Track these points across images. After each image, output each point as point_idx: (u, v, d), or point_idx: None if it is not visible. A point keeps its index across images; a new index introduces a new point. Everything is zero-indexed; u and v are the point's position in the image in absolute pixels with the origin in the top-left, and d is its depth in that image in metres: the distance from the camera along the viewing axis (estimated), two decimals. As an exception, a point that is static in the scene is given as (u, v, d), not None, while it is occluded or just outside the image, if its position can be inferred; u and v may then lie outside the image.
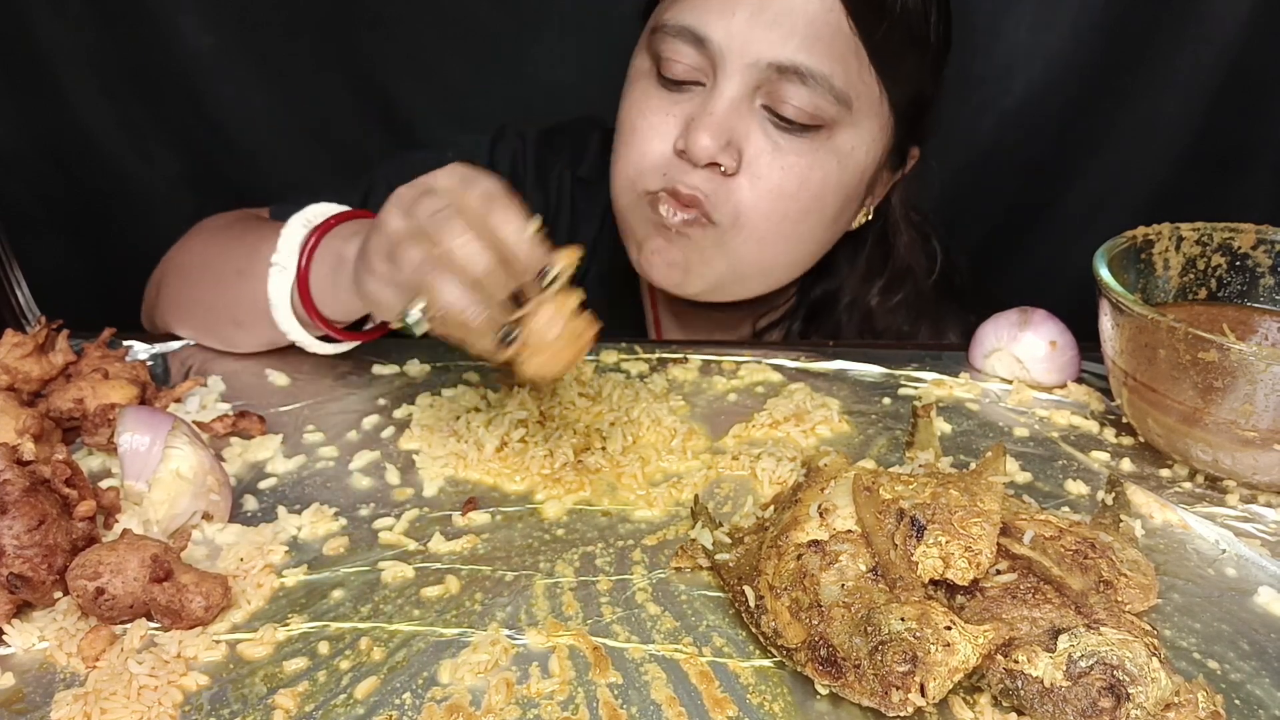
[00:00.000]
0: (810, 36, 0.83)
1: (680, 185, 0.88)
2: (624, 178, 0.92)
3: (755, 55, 0.84)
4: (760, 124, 0.86)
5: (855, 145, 0.89)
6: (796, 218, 0.89)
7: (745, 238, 0.89)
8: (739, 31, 0.84)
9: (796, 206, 0.88)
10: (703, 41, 0.85)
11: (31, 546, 0.59)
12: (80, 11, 1.28)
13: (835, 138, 0.87)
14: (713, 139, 0.84)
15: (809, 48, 0.83)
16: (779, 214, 0.88)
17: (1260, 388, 0.65)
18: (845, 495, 0.62)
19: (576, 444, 0.77)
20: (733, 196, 0.87)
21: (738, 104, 0.85)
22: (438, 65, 1.34)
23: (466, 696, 0.54)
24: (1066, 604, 0.55)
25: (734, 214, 0.88)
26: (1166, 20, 1.25)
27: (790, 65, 0.83)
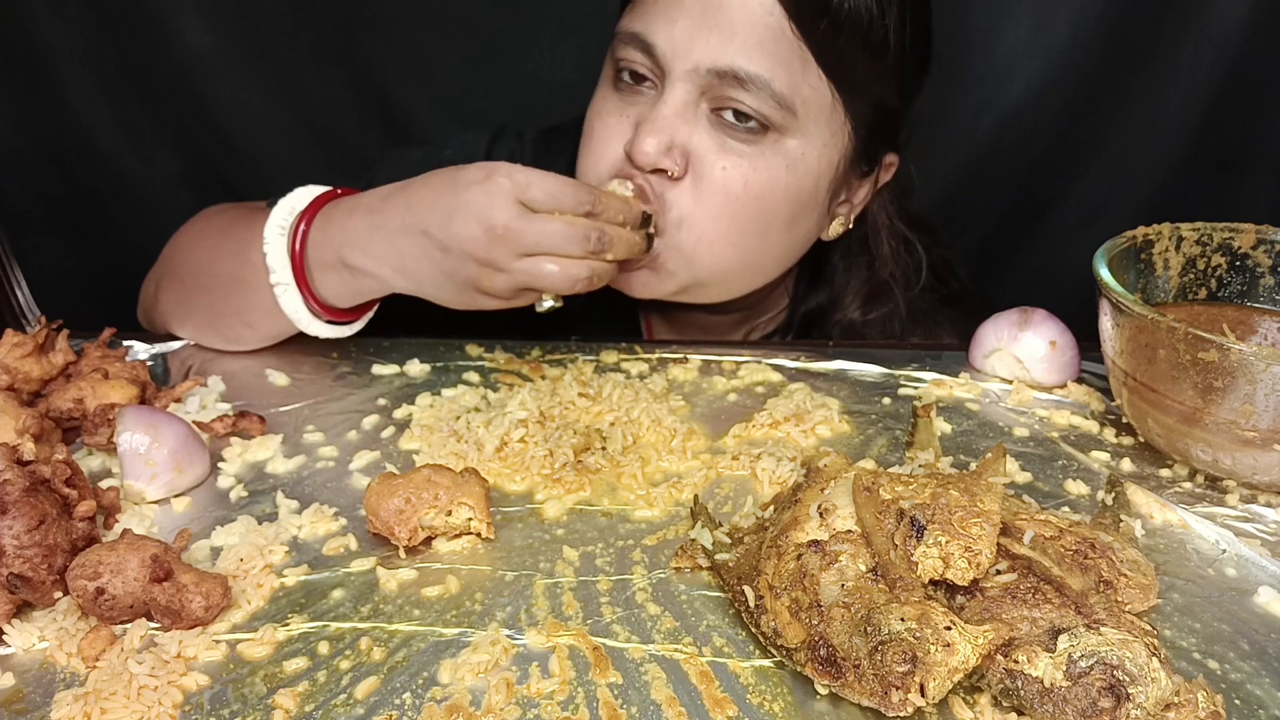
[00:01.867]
0: (751, 41, 0.83)
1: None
2: (585, 173, 0.93)
3: (696, 61, 0.84)
4: (706, 127, 0.86)
5: (805, 150, 0.88)
6: (743, 220, 0.88)
7: (694, 241, 0.88)
8: (681, 38, 0.84)
9: (742, 209, 0.88)
10: (650, 48, 0.86)
11: (31, 546, 0.59)
12: (80, 12, 1.28)
13: (783, 141, 0.87)
14: (656, 143, 0.85)
15: (748, 53, 0.83)
16: (726, 215, 0.88)
17: (1260, 388, 0.65)
18: (845, 495, 0.62)
19: (576, 444, 0.77)
20: (677, 200, 0.87)
21: (683, 109, 0.86)
22: (438, 65, 1.34)
23: (467, 696, 0.54)
24: (1066, 604, 0.55)
25: (678, 217, 0.88)
26: (1167, 20, 1.25)
27: (729, 70, 0.83)
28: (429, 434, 0.79)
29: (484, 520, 0.66)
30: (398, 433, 0.80)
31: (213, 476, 0.75)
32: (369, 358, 0.91)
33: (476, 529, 0.67)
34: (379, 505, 0.66)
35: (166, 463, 0.71)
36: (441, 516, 0.66)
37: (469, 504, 0.66)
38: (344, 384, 0.87)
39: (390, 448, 0.79)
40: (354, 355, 0.92)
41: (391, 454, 0.78)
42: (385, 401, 0.85)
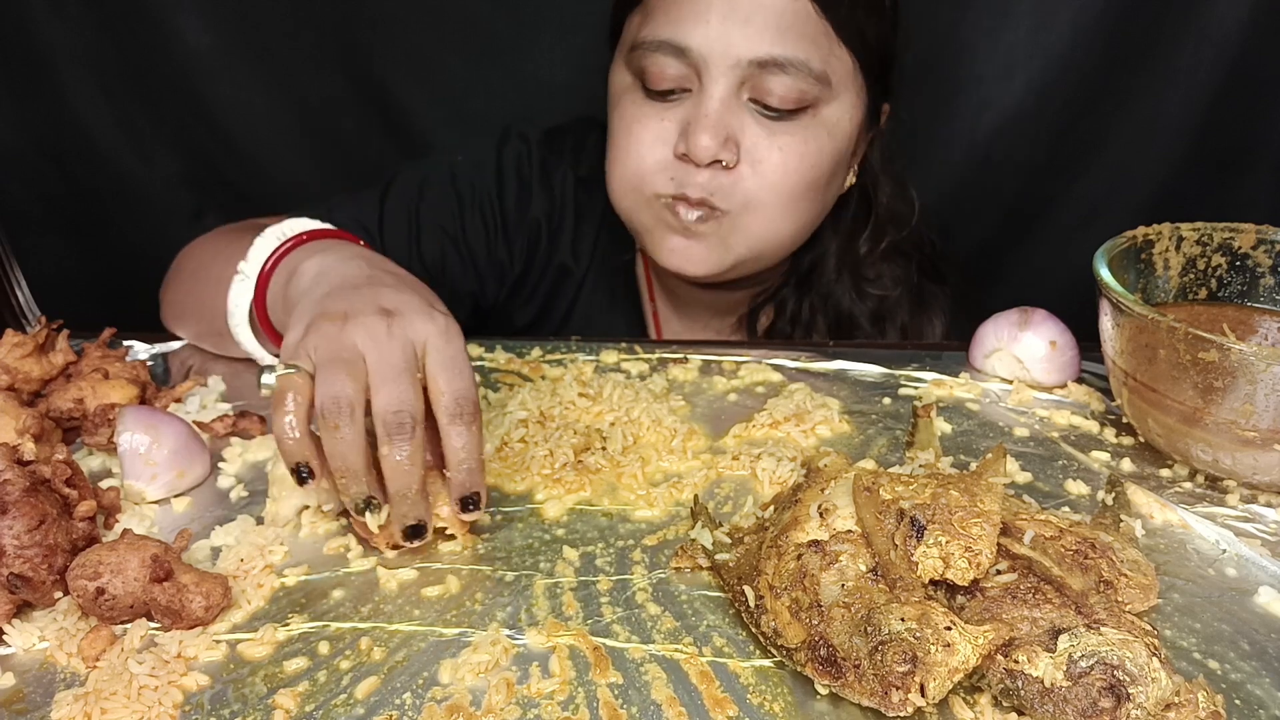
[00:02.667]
0: (782, 28, 0.88)
1: (688, 189, 0.92)
2: (624, 182, 0.96)
3: (735, 56, 0.88)
4: (751, 116, 0.91)
5: (840, 116, 0.94)
6: (800, 192, 0.94)
7: (757, 219, 0.94)
8: (716, 36, 0.88)
9: (799, 181, 0.93)
10: (683, 51, 0.89)
11: (32, 546, 0.59)
12: (80, 12, 1.27)
13: (821, 113, 0.93)
14: (712, 138, 0.89)
15: (783, 39, 0.88)
16: (785, 192, 0.93)
17: (1260, 388, 0.65)
18: (845, 495, 0.62)
19: (576, 444, 0.77)
20: (738, 187, 0.92)
21: (727, 102, 0.90)
22: (438, 65, 1.34)
23: (467, 696, 0.54)
24: (1067, 604, 0.55)
25: (742, 201, 0.93)
26: (1167, 20, 1.25)
27: (769, 59, 0.88)
28: (429, 434, 0.79)
29: (459, 527, 0.66)
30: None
31: (213, 476, 0.75)
32: (369, 358, 0.91)
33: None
34: None
35: (167, 463, 0.71)
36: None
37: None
38: (344, 384, 0.87)
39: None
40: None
41: (391, 454, 0.78)
42: (385, 401, 0.85)
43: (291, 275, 0.75)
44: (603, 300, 1.13)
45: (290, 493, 0.68)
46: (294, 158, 1.40)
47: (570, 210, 1.11)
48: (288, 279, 0.76)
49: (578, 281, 1.12)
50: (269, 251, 0.80)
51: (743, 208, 0.93)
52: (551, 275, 1.12)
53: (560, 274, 1.12)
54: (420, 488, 0.62)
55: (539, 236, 1.10)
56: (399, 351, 0.63)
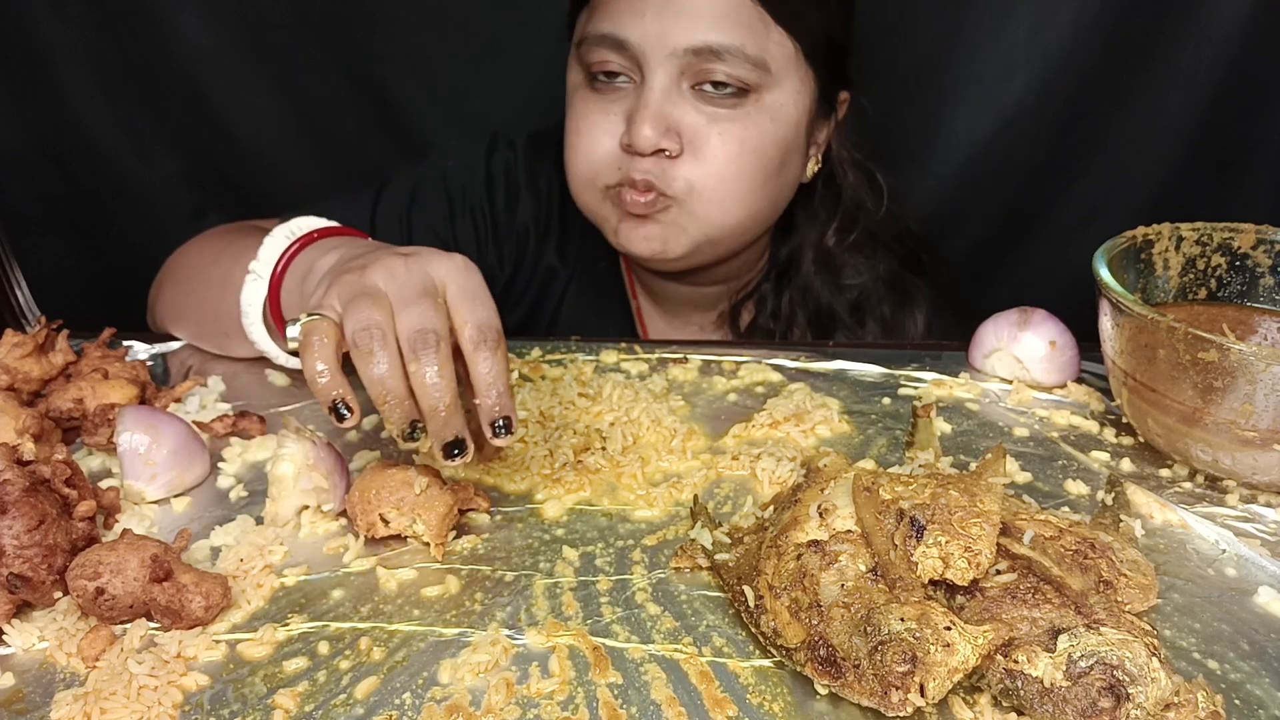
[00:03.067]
0: (716, 16, 0.90)
1: (634, 174, 0.94)
2: (580, 177, 0.99)
3: (671, 45, 0.90)
4: (692, 104, 0.93)
5: (783, 101, 0.95)
6: (745, 177, 0.96)
7: (703, 203, 0.95)
8: (652, 27, 0.90)
9: (742, 167, 0.95)
10: (622, 44, 0.92)
11: (31, 546, 0.59)
12: (80, 11, 1.27)
13: (763, 99, 0.94)
14: (653, 128, 0.92)
15: (717, 26, 0.90)
16: (729, 177, 0.95)
17: (1260, 388, 0.65)
18: (845, 495, 0.62)
19: (576, 444, 0.77)
20: (681, 173, 0.94)
21: (667, 92, 0.92)
22: (438, 65, 1.34)
23: (466, 696, 0.54)
24: (1066, 604, 0.55)
25: (686, 187, 0.95)
26: (1166, 20, 1.25)
27: (704, 46, 0.90)
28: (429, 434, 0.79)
29: (436, 541, 0.66)
30: (398, 433, 0.80)
31: (213, 476, 0.75)
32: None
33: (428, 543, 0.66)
34: (353, 490, 0.67)
35: (166, 463, 0.71)
36: (402, 520, 0.66)
37: (423, 521, 0.66)
38: (344, 384, 0.87)
39: (390, 448, 0.79)
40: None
41: (392, 454, 0.78)
42: (385, 401, 0.85)
43: (306, 273, 0.76)
44: (589, 300, 1.14)
45: (290, 493, 0.68)
46: (294, 157, 1.40)
47: (556, 212, 1.12)
48: (303, 277, 0.77)
49: (564, 282, 1.14)
50: (280, 251, 0.80)
51: (688, 194, 0.94)
52: (540, 277, 1.13)
53: (548, 275, 1.13)
54: (453, 403, 0.62)
55: (527, 240, 1.12)
56: (418, 280, 0.64)
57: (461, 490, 0.69)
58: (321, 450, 0.69)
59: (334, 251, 0.75)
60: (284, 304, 0.80)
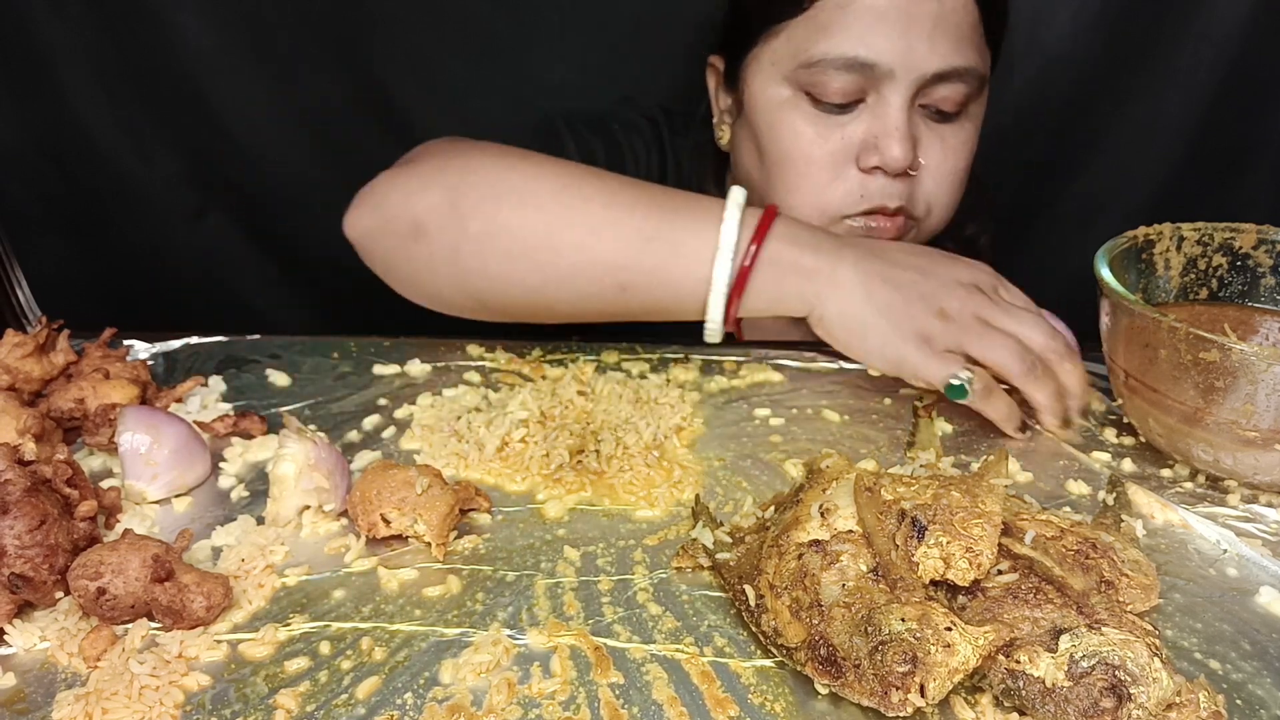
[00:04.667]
0: (958, 39, 0.90)
1: (885, 202, 0.94)
2: (810, 207, 0.95)
3: (920, 69, 0.89)
4: (923, 121, 0.94)
5: (980, 110, 0.99)
6: (961, 187, 0.99)
7: (934, 220, 0.99)
8: (901, 49, 0.89)
9: (963, 179, 0.98)
10: (870, 67, 0.89)
11: (33, 546, 0.59)
12: (80, 11, 1.27)
13: (969, 109, 0.96)
14: (904, 149, 0.91)
15: (959, 50, 0.90)
16: (955, 189, 0.98)
17: (1261, 388, 0.65)
18: (847, 496, 0.62)
19: (573, 445, 0.77)
20: (921, 192, 0.96)
21: (905, 110, 0.92)
22: (438, 65, 1.34)
23: (468, 696, 0.54)
24: (1068, 604, 0.55)
25: (927, 206, 0.97)
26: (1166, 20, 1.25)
27: (950, 70, 0.90)
28: (429, 434, 0.79)
29: (437, 542, 0.66)
30: (398, 433, 0.80)
31: (214, 476, 0.75)
32: (369, 358, 0.91)
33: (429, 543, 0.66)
34: (355, 490, 0.67)
35: (167, 463, 0.71)
36: (403, 520, 0.66)
37: (424, 521, 0.66)
38: (344, 384, 0.87)
39: (391, 448, 0.79)
40: (354, 355, 0.92)
41: (392, 454, 0.78)
42: (386, 401, 0.85)
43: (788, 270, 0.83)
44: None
45: (291, 493, 0.68)
46: (295, 157, 1.40)
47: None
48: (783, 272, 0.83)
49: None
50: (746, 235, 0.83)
51: (928, 212, 0.97)
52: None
53: None
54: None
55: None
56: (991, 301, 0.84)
57: (463, 490, 0.69)
58: (323, 450, 0.69)
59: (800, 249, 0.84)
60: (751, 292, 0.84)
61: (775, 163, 0.96)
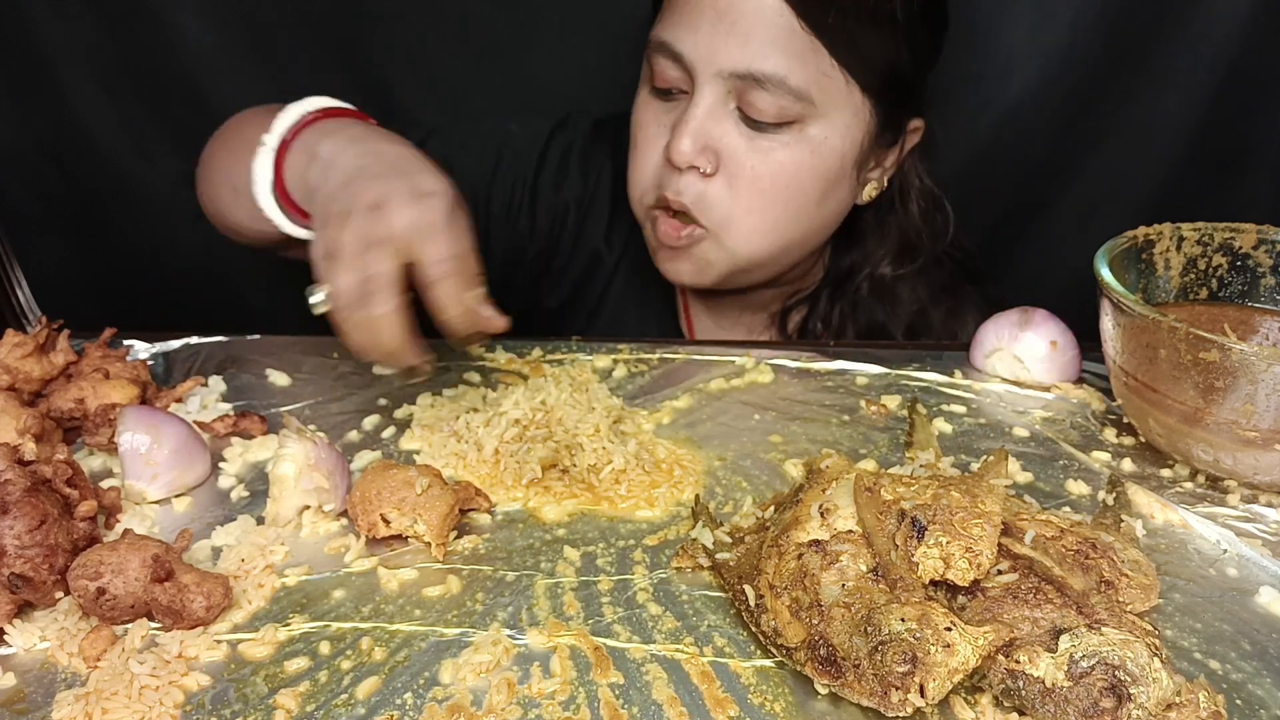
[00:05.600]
0: (765, 42, 0.87)
1: (668, 193, 0.93)
2: (634, 191, 0.99)
3: (719, 66, 0.89)
4: (735, 125, 0.92)
5: (828, 134, 0.92)
6: (777, 207, 0.94)
7: (736, 234, 0.95)
8: (704, 44, 0.89)
9: (774, 198, 0.93)
10: (678, 56, 0.91)
11: (33, 546, 0.59)
12: (81, 11, 1.27)
13: (806, 129, 0.91)
14: (691, 144, 0.90)
15: (764, 54, 0.88)
16: (759, 205, 0.93)
17: (1261, 388, 0.65)
18: (846, 496, 0.62)
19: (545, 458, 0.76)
20: (715, 198, 0.93)
21: (713, 110, 0.91)
22: (438, 65, 1.34)
23: (468, 696, 0.54)
24: (1068, 604, 0.55)
25: (721, 217, 0.94)
26: (1166, 20, 1.25)
27: (747, 73, 0.88)
28: (429, 434, 0.79)
29: (437, 542, 0.66)
30: (398, 433, 0.80)
31: (213, 476, 0.75)
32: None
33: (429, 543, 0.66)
34: (355, 490, 0.67)
35: (167, 463, 0.71)
36: (403, 520, 0.66)
37: (424, 521, 0.66)
38: (344, 384, 0.87)
39: (391, 448, 0.79)
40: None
41: (392, 454, 0.78)
42: (385, 401, 0.85)
43: (311, 158, 0.80)
44: (635, 291, 1.14)
45: (291, 493, 0.68)
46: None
47: (606, 199, 1.12)
48: (307, 161, 0.80)
49: (610, 269, 1.13)
50: (288, 125, 0.84)
51: (721, 225, 0.94)
52: (582, 259, 1.13)
53: (592, 259, 1.13)
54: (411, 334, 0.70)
55: (566, 218, 1.12)
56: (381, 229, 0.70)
57: (463, 490, 0.69)
58: (322, 450, 0.69)
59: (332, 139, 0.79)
60: (287, 180, 0.83)
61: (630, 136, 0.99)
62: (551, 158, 1.11)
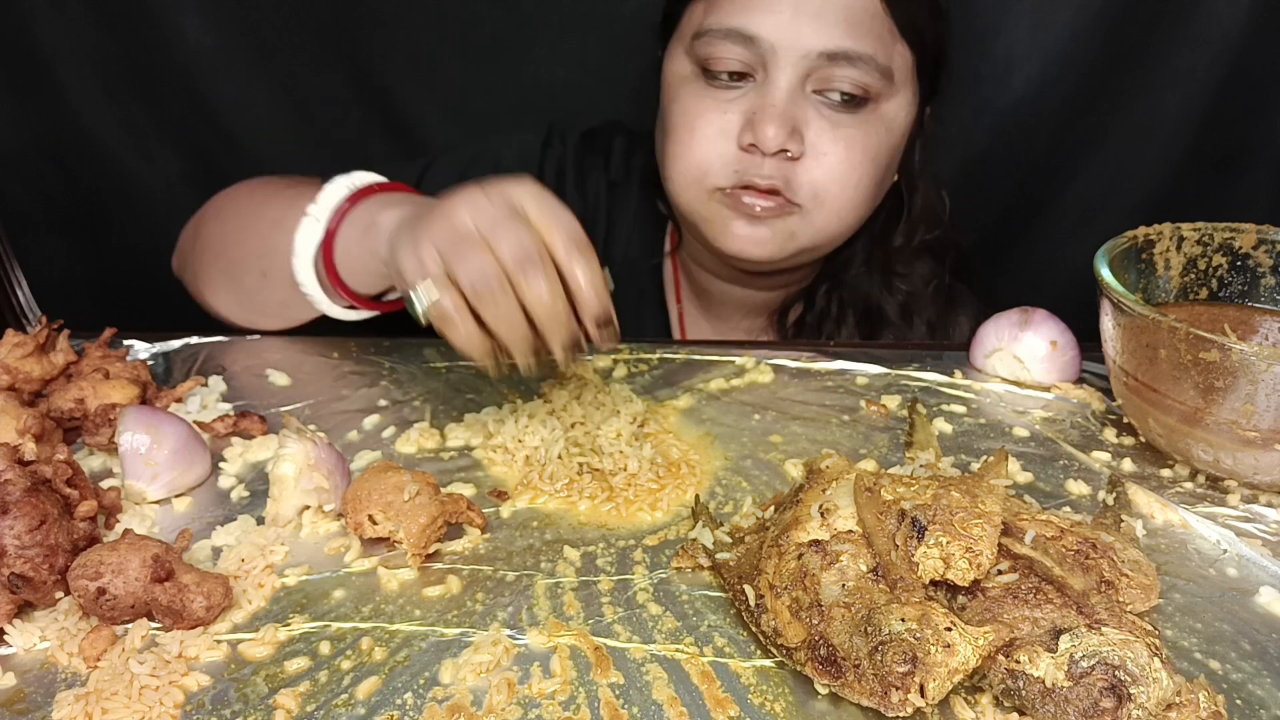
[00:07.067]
0: (851, 22, 0.89)
1: (756, 179, 0.93)
2: (687, 176, 0.97)
3: (805, 47, 0.89)
4: (815, 107, 0.93)
5: (897, 112, 0.96)
6: (862, 185, 0.96)
7: (823, 212, 0.95)
8: (786, 26, 0.89)
9: (861, 175, 0.95)
10: (752, 40, 0.90)
11: (33, 546, 0.59)
12: (80, 11, 1.27)
13: (881, 108, 0.94)
14: (779, 128, 0.90)
15: (852, 33, 0.90)
16: (850, 184, 0.95)
17: (1261, 388, 0.65)
18: (847, 496, 0.62)
19: (568, 443, 0.77)
20: (805, 178, 0.94)
21: (793, 93, 0.91)
22: (438, 65, 1.34)
23: (468, 696, 0.54)
24: (1068, 604, 0.55)
25: (812, 194, 0.94)
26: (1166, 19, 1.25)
27: (839, 51, 0.89)
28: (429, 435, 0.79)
29: (413, 551, 0.64)
30: (398, 433, 0.80)
31: (214, 476, 0.75)
32: (370, 357, 0.91)
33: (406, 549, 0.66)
34: (350, 488, 0.67)
35: (167, 463, 0.71)
36: (387, 524, 0.66)
37: (404, 529, 0.65)
38: (345, 384, 0.87)
39: (390, 448, 0.79)
40: (355, 355, 0.92)
41: (392, 454, 0.78)
42: (385, 401, 0.85)
43: (369, 226, 0.78)
44: (630, 301, 1.14)
45: (291, 493, 0.68)
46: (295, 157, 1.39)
47: (602, 213, 1.12)
48: (365, 229, 0.78)
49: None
50: (340, 198, 0.82)
51: (813, 201, 0.94)
52: None
53: None
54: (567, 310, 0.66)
55: None
56: (502, 205, 0.67)
57: (451, 503, 0.67)
58: (322, 450, 0.69)
59: (396, 207, 0.77)
60: (339, 252, 0.81)
61: (667, 133, 0.98)
62: (547, 177, 1.11)
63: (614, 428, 0.78)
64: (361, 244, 0.79)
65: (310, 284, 0.85)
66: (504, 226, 0.65)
